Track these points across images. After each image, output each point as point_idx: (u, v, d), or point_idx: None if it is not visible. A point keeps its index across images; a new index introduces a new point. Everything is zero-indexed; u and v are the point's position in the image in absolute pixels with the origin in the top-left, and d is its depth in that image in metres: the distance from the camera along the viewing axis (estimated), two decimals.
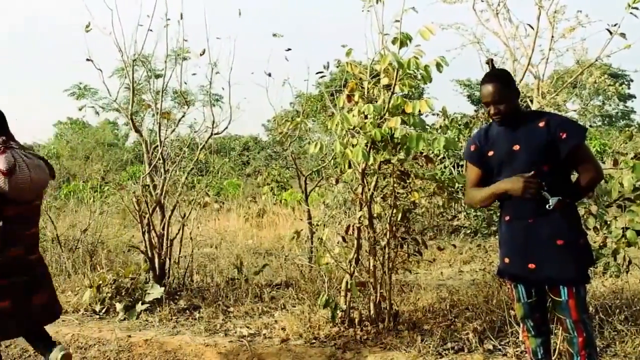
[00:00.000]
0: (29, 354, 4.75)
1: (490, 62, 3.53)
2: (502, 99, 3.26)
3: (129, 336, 4.95)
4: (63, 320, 5.58)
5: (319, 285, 5.72)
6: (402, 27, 4.22)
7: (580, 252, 3.19)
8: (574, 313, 3.13)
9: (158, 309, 5.58)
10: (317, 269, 5.83)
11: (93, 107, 29.14)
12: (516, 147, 3.24)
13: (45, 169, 3.62)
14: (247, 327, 5.05)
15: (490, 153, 3.36)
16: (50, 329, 5.25)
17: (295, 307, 5.40)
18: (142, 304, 5.60)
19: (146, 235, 6.01)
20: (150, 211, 6.05)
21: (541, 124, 3.19)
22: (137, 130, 6.32)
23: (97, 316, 5.69)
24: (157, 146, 6.24)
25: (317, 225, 6.16)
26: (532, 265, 3.19)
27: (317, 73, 5.60)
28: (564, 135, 3.12)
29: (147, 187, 6.22)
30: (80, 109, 30.56)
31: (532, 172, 3.14)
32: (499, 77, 3.32)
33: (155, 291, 5.70)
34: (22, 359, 4.69)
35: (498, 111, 3.28)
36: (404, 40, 4.24)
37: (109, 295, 5.78)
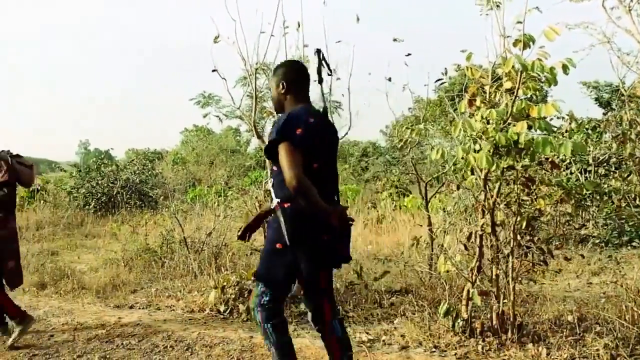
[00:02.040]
0: (159, 349, 4.99)
1: (318, 52, 3.57)
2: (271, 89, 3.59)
3: (252, 337, 5.09)
4: (190, 319, 5.84)
5: (439, 293, 5.63)
6: (525, 28, 4.10)
7: (265, 248, 3.48)
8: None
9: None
10: (437, 276, 5.75)
11: (218, 115, 30.23)
12: None
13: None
14: (367, 333, 5.06)
15: None
16: (177, 326, 5.52)
17: (414, 314, 5.35)
18: None
19: None
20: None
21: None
22: (260, 137, 6.50)
23: (222, 316, 5.90)
24: None
25: (438, 231, 6.07)
26: None
27: (436, 81, 5.56)
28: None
29: (268, 192, 6.36)
30: (204, 117, 31.79)
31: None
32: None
33: None
34: (153, 353, 4.93)
35: None
36: (527, 42, 4.12)
37: (233, 296, 5.98)
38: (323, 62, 3.56)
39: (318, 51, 3.55)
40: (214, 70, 6.42)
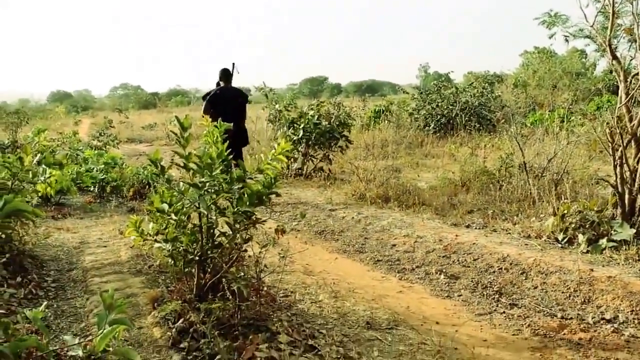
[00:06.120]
0: (493, 269, 5.05)
1: (232, 65, 8.66)
2: None
3: (591, 270, 4.85)
4: (526, 244, 5.77)
5: None
6: None
7: None
8: None
9: (624, 247, 5.32)
10: None
11: (565, 36, 28.27)
12: None
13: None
14: None
15: None
16: (513, 249, 5.50)
17: None
18: (608, 240, 5.40)
19: (617, 169, 5.74)
20: (624, 144, 5.72)
21: None
22: (615, 57, 5.96)
23: (559, 245, 5.73)
24: (636, 74, 5.80)
25: None
26: None
27: None
28: None
29: (621, 118, 5.87)
30: (550, 37, 29.98)
31: None
32: None
33: (625, 232, 5.43)
34: (487, 273, 5.00)
35: None
36: None
37: (572, 225, 5.74)
38: (235, 69, 8.59)
39: (233, 64, 8.57)
40: None
